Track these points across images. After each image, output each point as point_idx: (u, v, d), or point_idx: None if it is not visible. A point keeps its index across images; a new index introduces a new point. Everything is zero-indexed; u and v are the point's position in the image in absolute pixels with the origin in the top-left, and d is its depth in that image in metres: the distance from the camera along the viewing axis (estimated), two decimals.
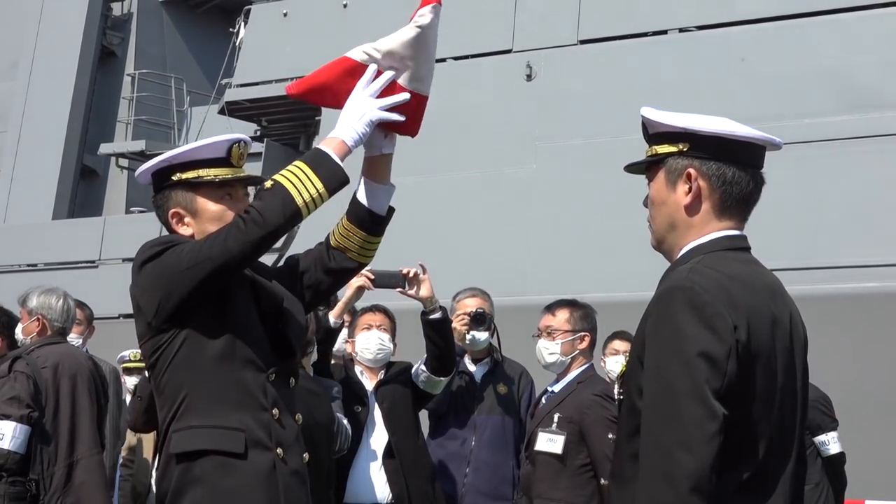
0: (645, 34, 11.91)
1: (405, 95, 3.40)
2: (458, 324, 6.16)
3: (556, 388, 5.60)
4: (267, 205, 3.21)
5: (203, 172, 3.41)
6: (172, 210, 3.45)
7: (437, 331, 5.59)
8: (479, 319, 6.20)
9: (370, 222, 3.53)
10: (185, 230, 3.44)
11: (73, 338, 7.04)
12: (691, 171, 2.81)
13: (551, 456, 5.39)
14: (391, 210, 3.59)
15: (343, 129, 3.35)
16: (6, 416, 5.53)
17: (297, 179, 3.24)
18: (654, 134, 2.89)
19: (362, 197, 3.53)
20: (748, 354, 2.64)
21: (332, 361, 5.92)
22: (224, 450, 3.26)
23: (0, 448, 5.50)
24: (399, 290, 5.58)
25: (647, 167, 2.92)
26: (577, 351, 5.56)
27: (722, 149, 2.80)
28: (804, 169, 9.78)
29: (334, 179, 3.27)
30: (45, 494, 5.62)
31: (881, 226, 10.09)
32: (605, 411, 5.36)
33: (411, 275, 5.52)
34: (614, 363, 6.80)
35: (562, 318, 5.60)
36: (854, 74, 10.66)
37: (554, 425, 5.40)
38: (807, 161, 9.97)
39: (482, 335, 6.27)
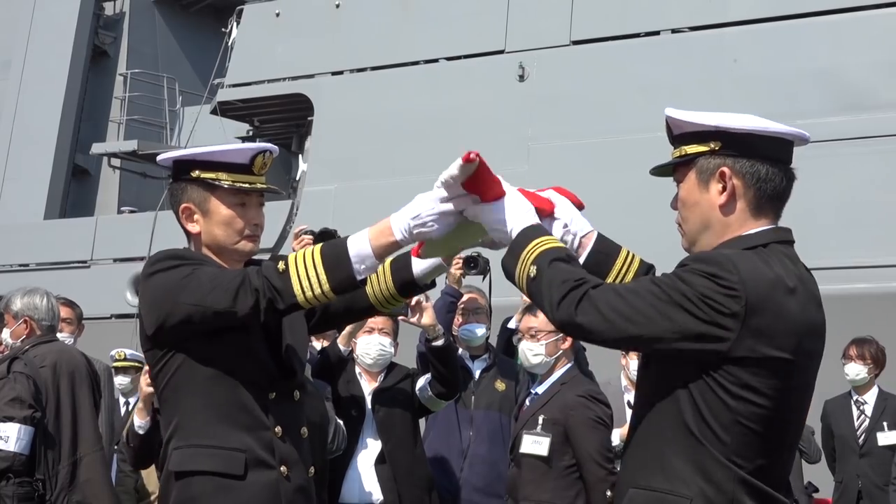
0: (637, 35, 11.93)
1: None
2: (452, 268, 6.30)
3: (540, 389, 5.58)
4: (276, 289, 3.17)
5: (223, 176, 3.38)
6: (184, 204, 3.43)
7: (440, 358, 5.59)
8: (472, 263, 6.30)
9: (407, 284, 3.49)
10: (192, 227, 3.43)
11: (65, 336, 7.02)
12: (725, 169, 2.78)
13: (537, 458, 5.36)
14: (433, 283, 3.53)
15: (399, 218, 3.13)
16: (10, 418, 5.52)
17: (306, 275, 3.16)
18: (681, 134, 2.86)
19: (417, 262, 3.45)
20: (804, 360, 2.71)
21: (323, 342, 5.95)
22: (222, 471, 3.25)
23: (6, 450, 5.48)
24: (402, 317, 5.60)
25: (675, 168, 2.89)
26: (561, 351, 5.54)
27: (753, 146, 2.78)
28: (795, 169, 9.80)
29: (344, 284, 3.18)
30: (52, 493, 5.62)
31: (873, 227, 10.12)
32: (590, 412, 5.35)
33: (413, 302, 5.54)
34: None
35: (543, 318, 5.58)
36: (846, 75, 10.68)
37: (538, 427, 5.37)
38: (798, 162, 9.91)
39: (480, 329, 6.36)
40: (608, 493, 5.14)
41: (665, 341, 2.65)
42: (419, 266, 3.42)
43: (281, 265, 3.18)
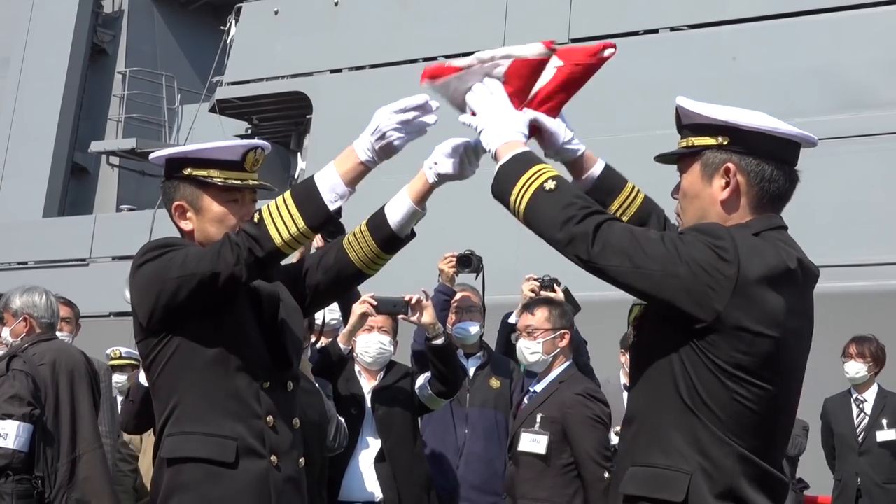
0: (636, 33, 11.94)
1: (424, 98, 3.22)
2: (445, 266, 6.32)
3: (538, 387, 5.59)
4: (253, 237, 3.19)
5: (214, 173, 3.38)
6: (177, 202, 3.43)
7: (440, 357, 5.59)
8: (466, 262, 6.33)
9: (388, 239, 3.45)
10: (185, 224, 3.43)
11: (64, 336, 7.03)
12: (730, 165, 2.79)
13: (535, 456, 5.36)
14: (412, 233, 3.49)
15: (361, 139, 3.21)
16: (9, 416, 5.53)
17: (279, 217, 3.18)
18: (691, 125, 2.86)
19: (392, 213, 3.42)
20: (792, 340, 2.73)
21: (323, 340, 5.94)
22: (214, 458, 3.26)
23: (5, 448, 5.50)
24: (402, 316, 5.60)
25: (680, 157, 2.90)
26: (558, 349, 5.55)
27: (761, 144, 2.79)
28: (800, 172, 9.80)
29: (317, 217, 3.19)
30: (51, 491, 5.64)
31: (872, 225, 10.12)
32: (588, 410, 5.35)
33: (413, 301, 5.54)
34: None
35: (541, 316, 5.59)
36: (844, 73, 10.69)
37: (537, 425, 5.38)
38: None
39: (474, 327, 6.35)
40: (606, 474, 5.18)
41: (661, 289, 2.67)
42: (395, 218, 3.40)
43: (256, 215, 3.21)
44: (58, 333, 6.89)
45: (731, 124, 2.79)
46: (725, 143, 2.79)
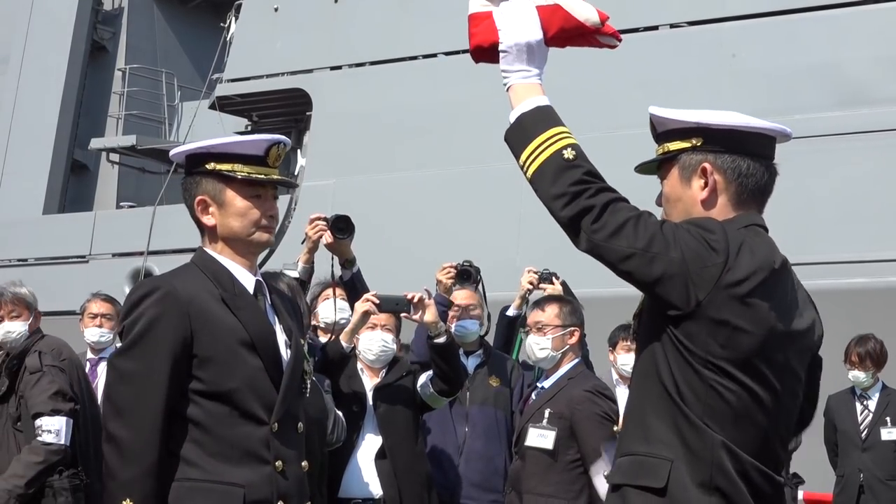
0: (636, 30, 11.92)
1: None
2: (443, 277, 6.31)
3: (547, 383, 5.61)
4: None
5: (238, 167, 3.40)
6: (199, 197, 3.44)
7: (442, 355, 5.59)
8: (465, 276, 6.35)
9: None
10: (208, 220, 3.44)
11: (105, 332, 7.13)
12: (706, 165, 2.83)
13: (542, 451, 5.38)
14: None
15: None
16: (57, 412, 5.54)
17: None
18: (664, 132, 2.89)
19: None
20: (784, 341, 2.74)
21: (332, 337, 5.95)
22: None
23: (58, 444, 5.52)
24: (404, 315, 5.60)
25: (659, 165, 2.92)
26: (567, 346, 5.56)
27: (735, 142, 2.82)
28: (794, 164, 9.73)
29: None
30: (91, 484, 5.68)
31: (872, 221, 10.12)
32: (596, 407, 5.37)
33: (416, 300, 5.54)
34: (627, 359, 6.61)
35: (551, 313, 5.60)
36: (844, 70, 10.68)
37: (544, 421, 5.40)
38: (797, 157, 9.94)
39: (474, 326, 6.34)
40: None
41: (650, 273, 2.69)
42: None
43: None
44: (98, 330, 6.99)
45: (701, 125, 2.84)
46: (699, 144, 2.84)
